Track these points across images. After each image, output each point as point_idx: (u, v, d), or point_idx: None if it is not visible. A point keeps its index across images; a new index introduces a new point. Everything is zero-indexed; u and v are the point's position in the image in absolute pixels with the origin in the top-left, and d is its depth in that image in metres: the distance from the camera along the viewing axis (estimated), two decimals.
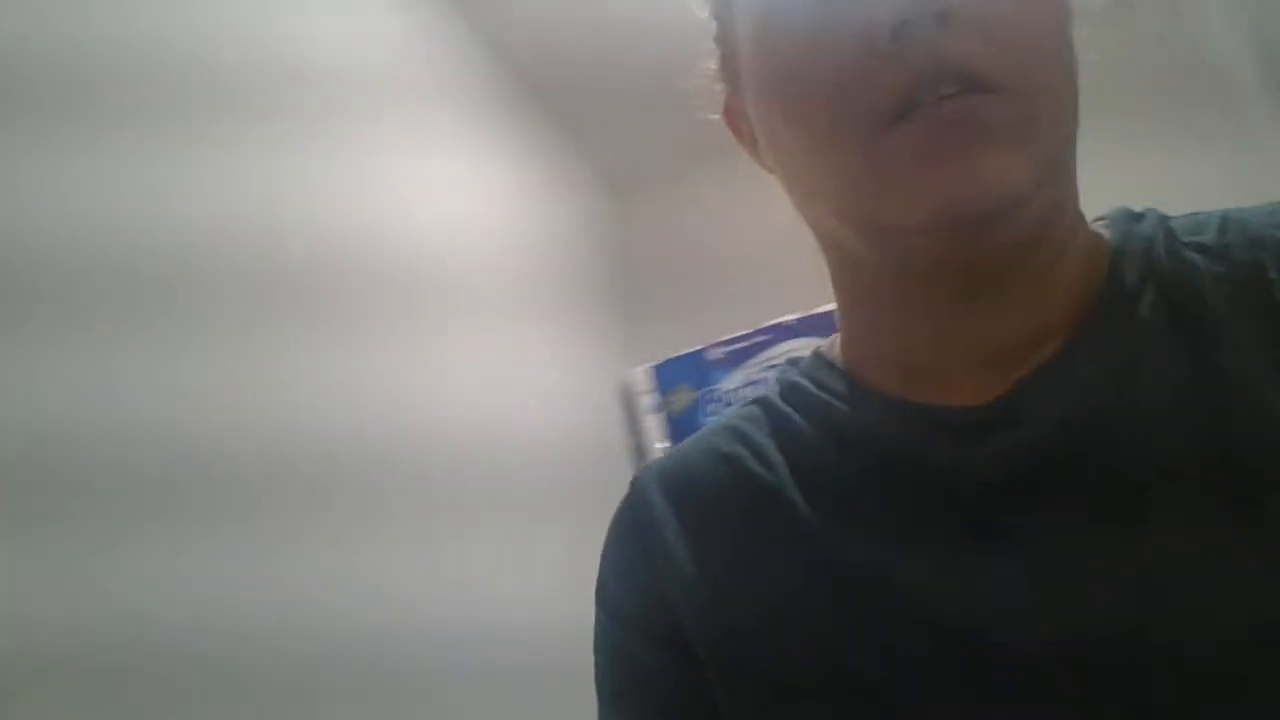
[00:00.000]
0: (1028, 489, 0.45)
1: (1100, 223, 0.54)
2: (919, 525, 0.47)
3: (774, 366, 1.81)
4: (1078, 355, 0.47)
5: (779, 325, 1.84)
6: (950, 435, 0.48)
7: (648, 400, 1.87)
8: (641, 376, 1.89)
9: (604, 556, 0.59)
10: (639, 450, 1.87)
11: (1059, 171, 0.47)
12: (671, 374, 1.88)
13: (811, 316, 1.83)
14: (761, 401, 0.58)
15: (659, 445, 1.85)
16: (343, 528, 0.89)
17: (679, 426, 1.85)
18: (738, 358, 1.85)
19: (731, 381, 1.84)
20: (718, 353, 1.87)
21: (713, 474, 0.55)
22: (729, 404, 1.83)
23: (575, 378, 1.73)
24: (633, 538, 0.57)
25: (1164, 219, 0.52)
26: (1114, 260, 0.50)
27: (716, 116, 0.61)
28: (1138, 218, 0.53)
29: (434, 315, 1.19)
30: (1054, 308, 0.48)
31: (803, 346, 1.73)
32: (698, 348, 1.88)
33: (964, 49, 0.43)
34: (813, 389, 0.55)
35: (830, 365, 0.56)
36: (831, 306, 1.82)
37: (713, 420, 0.60)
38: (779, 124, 0.49)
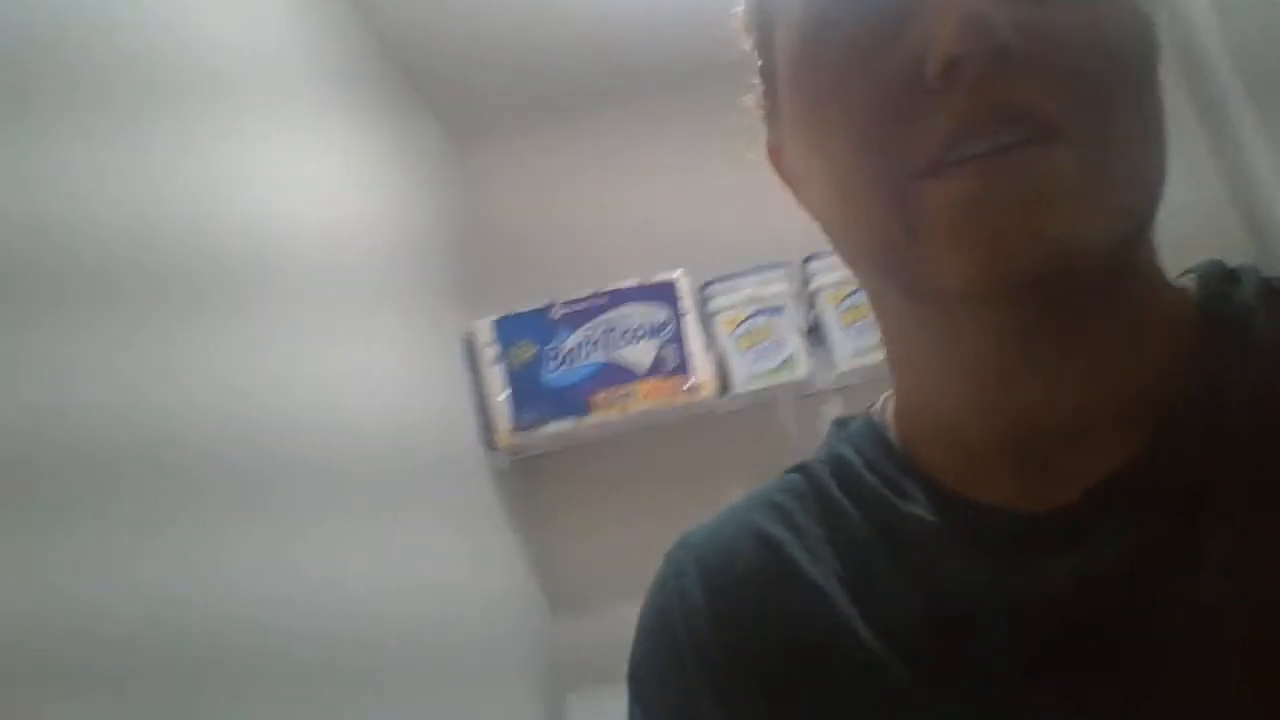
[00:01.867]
0: (1102, 619, 0.39)
1: (1186, 277, 0.47)
2: (967, 658, 0.42)
3: (614, 329, 1.94)
4: (1157, 465, 0.40)
5: (618, 290, 1.97)
6: (1004, 552, 0.42)
7: (490, 352, 1.97)
8: (484, 329, 1.99)
9: (636, 642, 0.56)
10: (481, 399, 1.97)
11: (1137, 233, 0.42)
12: (514, 328, 1.98)
13: (651, 285, 1.97)
14: (804, 471, 0.53)
15: (500, 397, 1.95)
16: (196, 518, 0.90)
17: (520, 378, 1.96)
18: (578, 319, 1.97)
19: (571, 340, 1.96)
20: (559, 311, 1.98)
21: (754, 561, 0.50)
22: (568, 362, 1.95)
23: (422, 334, 1.80)
24: (664, 629, 0.53)
25: (1265, 282, 0.45)
26: (1205, 337, 0.43)
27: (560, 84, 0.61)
28: (1233, 278, 0.46)
29: (274, 292, 1.18)
30: (1124, 390, 0.42)
31: (636, 314, 1.85)
32: (540, 305, 1.99)
33: (1025, 89, 0.38)
34: (864, 472, 0.49)
35: (883, 438, 0.50)
36: (669, 276, 1.97)
37: (752, 494, 0.55)
38: (813, 163, 0.45)
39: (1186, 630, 0.37)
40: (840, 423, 0.55)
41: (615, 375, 1.94)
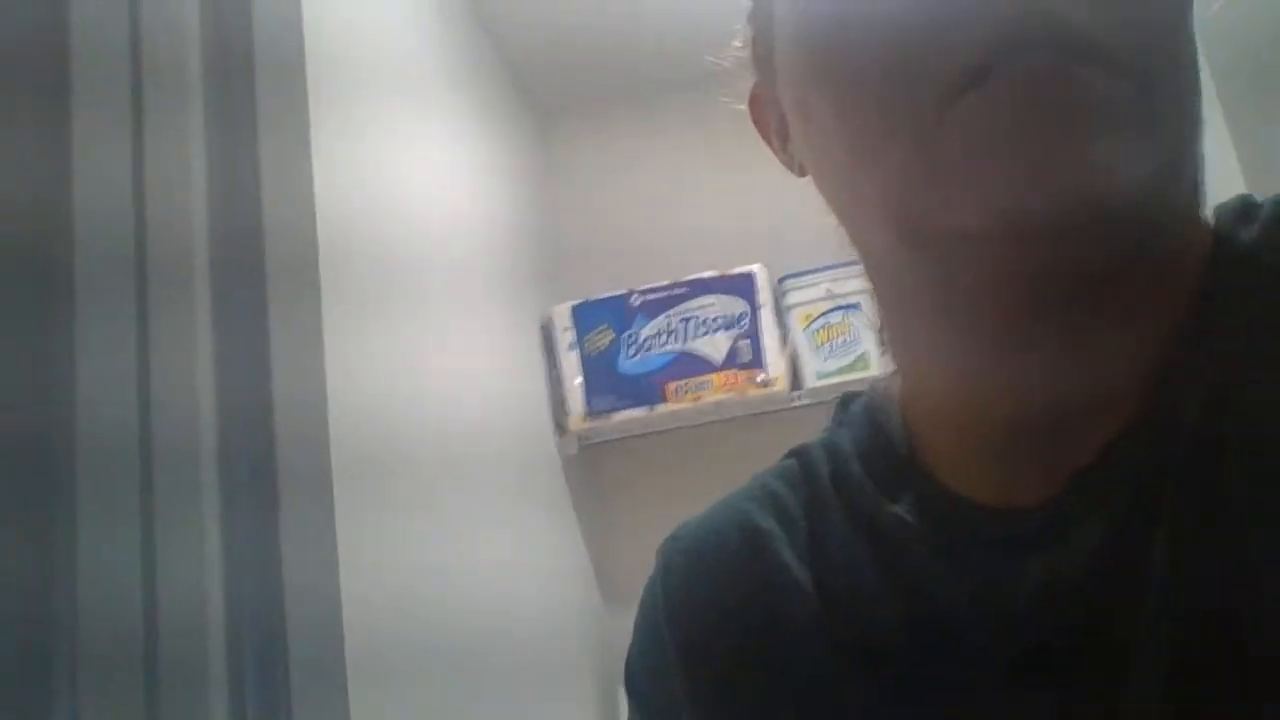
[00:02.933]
0: (1060, 636, 0.36)
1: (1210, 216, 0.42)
2: (942, 667, 0.39)
3: (691, 318, 1.93)
4: (1139, 439, 0.36)
5: (697, 280, 1.96)
6: (986, 555, 0.39)
7: (567, 338, 1.95)
8: (563, 314, 1.97)
9: (631, 641, 0.54)
10: (558, 384, 1.96)
11: (1179, 173, 0.36)
12: (592, 314, 1.97)
13: (729, 277, 1.95)
14: (802, 457, 0.50)
15: (575, 381, 1.94)
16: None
17: (595, 365, 1.95)
18: (656, 307, 1.95)
19: (649, 329, 1.95)
20: (638, 299, 1.96)
21: (738, 554, 0.48)
22: (644, 350, 1.94)
23: (502, 318, 1.79)
24: (651, 627, 0.51)
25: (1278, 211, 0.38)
26: (1208, 283, 0.37)
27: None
28: (1249, 213, 0.39)
29: (384, 284, 1.21)
30: (1128, 366, 0.37)
31: (714, 305, 1.84)
32: (620, 292, 1.97)
33: (1067, 4, 0.32)
34: (854, 463, 0.47)
35: (880, 423, 0.47)
36: (748, 269, 1.95)
37: (752, 478, 0.53)
38: (815, 103, 0.39)
39: (1156, 629, 0.33)
40: (844, 402, 0.52)
41: (690, 366, 1.93)
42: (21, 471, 0.64)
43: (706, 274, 1.96)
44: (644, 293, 1.97)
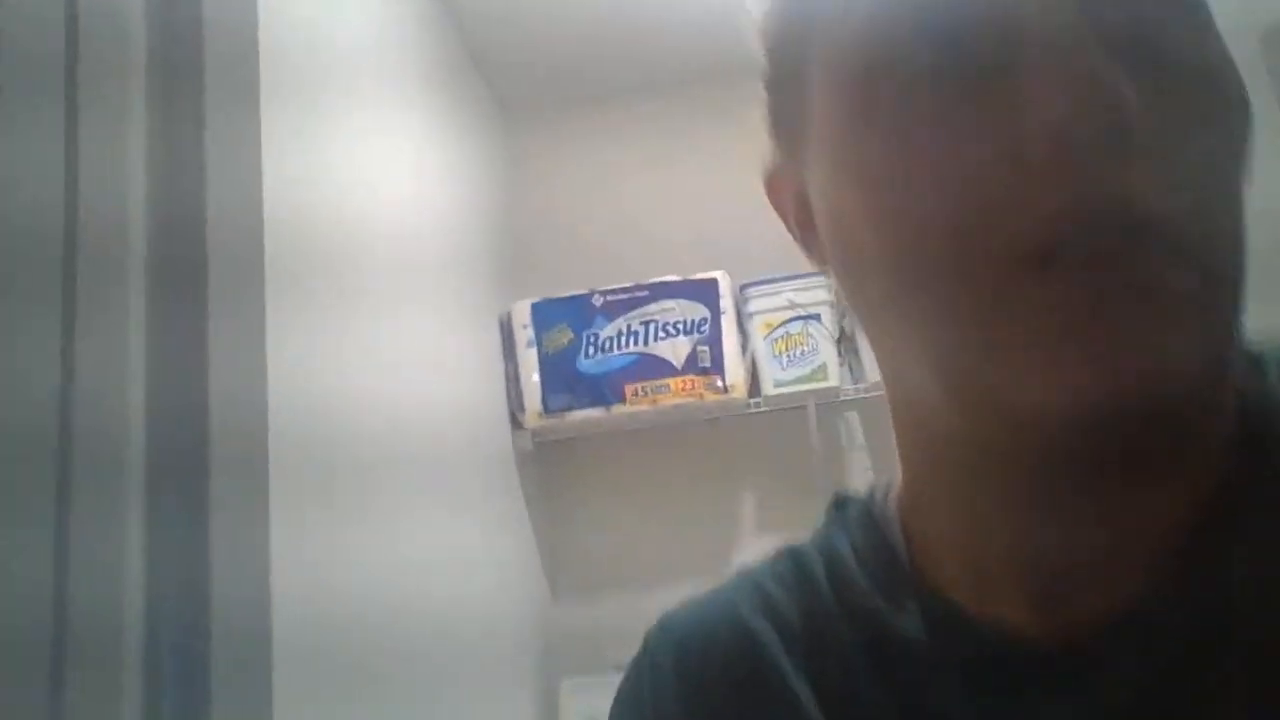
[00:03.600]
0: None
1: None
2: None
3: (652, 321, 1.93)
4: (1172, 610, 0.35)
5: (660, 284, 1.96)
6: (998, 686, 0.38)
7: (525, 335, 1.95)
8: (522, 311, 1.96)
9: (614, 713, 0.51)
10: (515, 380, 1.96)
11: (1230, 361, 0.36)
12: (552, 313, 1.97)
13: (692, 282, 1.95)
14: (797, 558, 0.48)
15: (533, 378, 1.94)
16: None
17: (553, 363, 1.95)
18: (617, 308, 1.96)
19: (609, 329, 1.95)
20: (599, 299, 1.96)
21: (732, 656, 0.46)
22: (604, 351, 1.94)
23: (461, 311, 1.78)
24: (633, 708, 0.50)
25: None
26: (1244, 434, 0.37)
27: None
28: (1258, 364, 0.40)
29: (335, 274, 1.20)
30: (1166, 525, 0.37)
31: (675, 309, 1.84)
32: (581, 292, 1.97)
33: (1144, 183, 0.31)
34: (857, 571, 0.45)
35: (882, 534, 0.45)
36: (712, 275, 1.95)
37: (741, 575, 0.50)
38: (865, 236, 0.37)
39: None
40: (839, 505, 0.49)
41: (650, 368, 1.94)
42: None
43: (669, 278, 1.96)
44: (606, 293, 1.97)
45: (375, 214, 1.36)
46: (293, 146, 1.02)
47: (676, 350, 1.93)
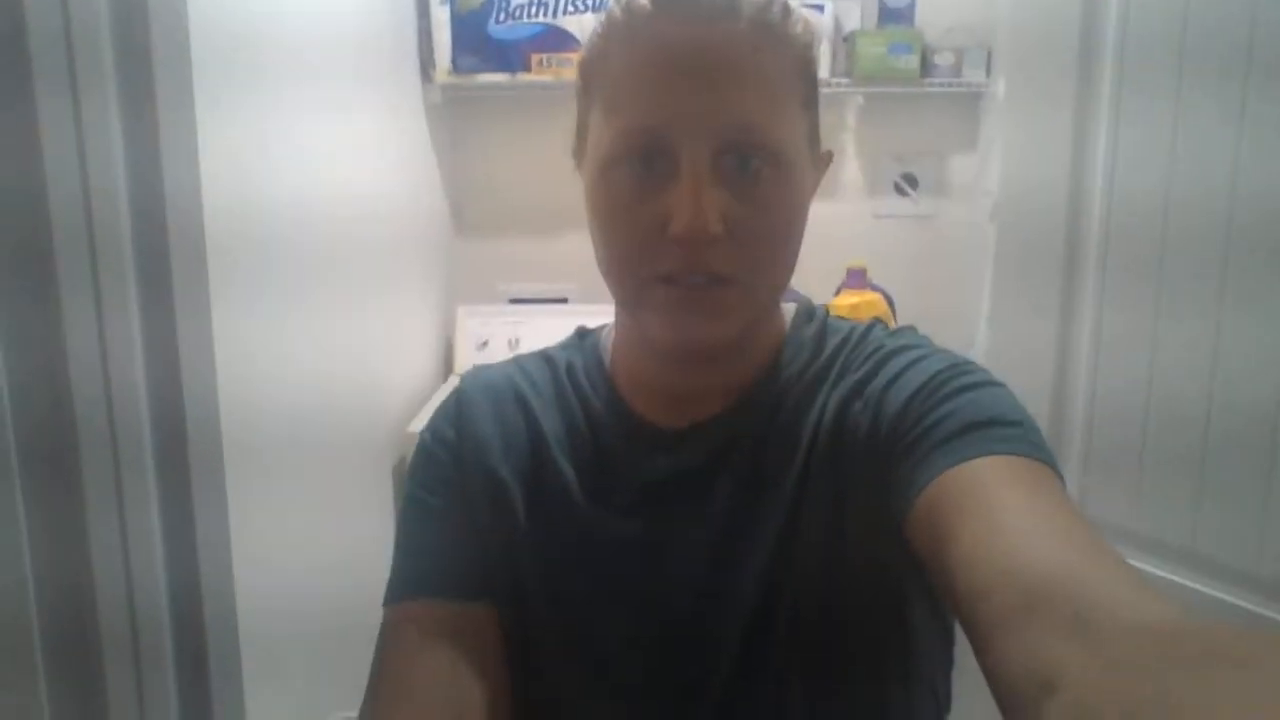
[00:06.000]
0: (681, 488, 0.71)
1: (788, 305, 0.77)
2: (623, 501, 0.72)
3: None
4: (726, 415, 0.72)
5: None
6: (651, 447, 0.72)
7: None
8: None
9: (433, 425, 0.79)
10: (426, 35, 2.04)
11: (762, 320, 0.71)
12: None
13: None
14: (550, 363, 0.80)
15: (444, 37, 2.03)
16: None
17: (464, 24, 2.03)
18: None
19: None
20: None
21: (511, 407, 0.77)
22: (517, 17, 2.03)
23: None
24: (447, 420, 0.78)
25: (824, 324, 0.75)
26: (780, 356, 0.73)
27: None
28: (810, 316, 0.76)
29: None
30: (734, 379, 0.72)
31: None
32: None
33: (718, 257, 0.62)
34: (582, 377, 0.77)
35: (599, 359, 0.78)
36: None
37: (519, 362, 0.81)
38: (595, 219, 0.67)
39: (712, 504, 0.70)
40: (580, 334, 0.82)
41: (556, 40, 2.04)
42: None
43: None
44: None
45: None
46: None
47: (583, 25, 2.03)
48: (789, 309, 0.77)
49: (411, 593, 0.72)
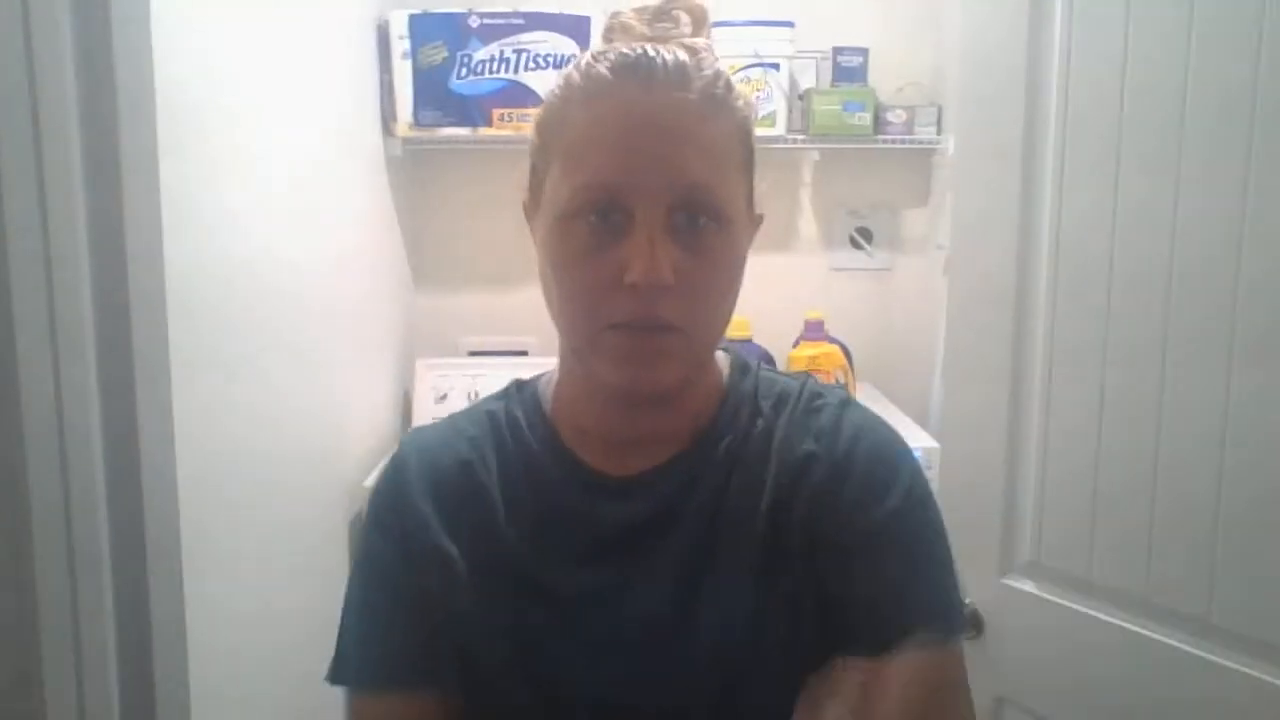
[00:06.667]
0: (638, 535, 0.73)
1: (722, 355, 0.80)
2: (578, 552, 0.74)
3: (524, 51, 2.03)
4: (676, 464, 0.75)
5: (536, 14, 2.05)
6: (603, 496, 0.74)
7: (402, 45, 2.03)
8: (399, 21, 2.03)
9: (379, 492, 0.80)
10: (389, 90, 2.06)
11: (702, 366, 0.75)
12: (428, 27, 2.04)
13: (567, 16, 2.05)
14: (491, 418, 0.80)
15: (406, 91, 2.05)
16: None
17: (426, 79, 2.05)
18: (492, 33, 2.04)
19: (483, 53, 2.05)
20: (476, 21, 2.04)
21: (453, 471, 0.77)
22: (479, 73, 2.06)
23: (337, 13, 1.83)
24: (395, 485, 0.78)
25: (757, 378, 0.79)
26: (722, 406, 0.77)
27: None
28: (745, 369, 0.80)
29: None
30: (678, 428, 0.76)
31: (548, 42, 1.95)
32: (458, 10, 2.04)
33: (666, 306, 0.66)
34: (525, 429, 0.78)
35: (541, 409, 0.79)
36: (585, 13, 2.11)
37: (457, 421, 0.81)
38: (551, 268, 0.70)
39: (672, 550, 0.73)
40: (518, 385, 0.83)
41: (517, 96, 2.07)
42: None
43: (545, 9, 2.05)
44: (483, 16, 2.04)
45: None
46: None
47: (544, 81, 2.06)
48: (723, 360, 0.81)
49: (371, 685, 0.75)
